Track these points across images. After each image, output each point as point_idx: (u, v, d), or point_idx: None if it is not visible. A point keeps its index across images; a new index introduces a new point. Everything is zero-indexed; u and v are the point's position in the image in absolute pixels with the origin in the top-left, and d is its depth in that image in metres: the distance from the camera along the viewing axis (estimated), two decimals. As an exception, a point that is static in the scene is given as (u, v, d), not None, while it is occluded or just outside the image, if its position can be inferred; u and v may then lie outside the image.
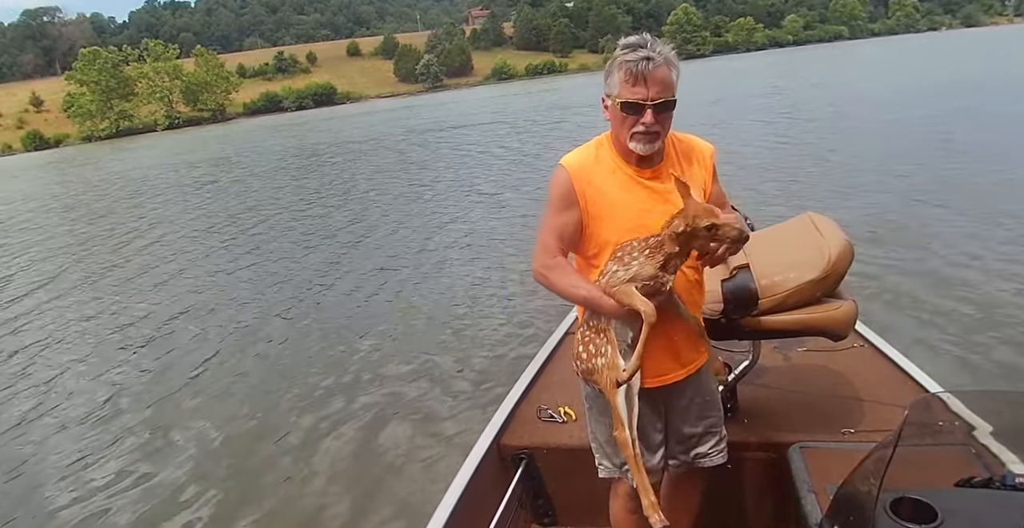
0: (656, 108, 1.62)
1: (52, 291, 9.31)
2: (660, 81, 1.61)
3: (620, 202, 1.71)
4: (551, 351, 3.03)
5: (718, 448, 1.96)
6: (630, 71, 1.60)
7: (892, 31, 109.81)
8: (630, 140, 1.66)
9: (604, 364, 1.69)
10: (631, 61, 1.60)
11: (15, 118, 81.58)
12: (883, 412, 2.27)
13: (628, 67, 1.60)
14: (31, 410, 5.45)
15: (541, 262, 1.78)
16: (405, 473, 3.88)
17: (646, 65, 1.59)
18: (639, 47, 1.61)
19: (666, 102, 1.63)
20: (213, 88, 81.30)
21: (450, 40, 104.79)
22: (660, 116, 1.63)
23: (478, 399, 4.59)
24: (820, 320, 1.99)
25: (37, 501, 4.12)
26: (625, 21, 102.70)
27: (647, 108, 1.61)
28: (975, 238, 6.71)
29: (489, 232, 9.56)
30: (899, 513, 1.12)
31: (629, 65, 1.60)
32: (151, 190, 20.61)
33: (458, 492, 2.12)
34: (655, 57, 1.60)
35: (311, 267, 8.86)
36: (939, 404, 1.47)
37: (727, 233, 1.52)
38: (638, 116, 1.63)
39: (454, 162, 17.77)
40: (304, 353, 5.92)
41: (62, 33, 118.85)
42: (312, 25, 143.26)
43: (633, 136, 1.65)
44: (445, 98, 62.38)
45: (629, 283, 1.60)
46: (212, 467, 4.26)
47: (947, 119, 15.04)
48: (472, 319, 6.19)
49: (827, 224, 2.18)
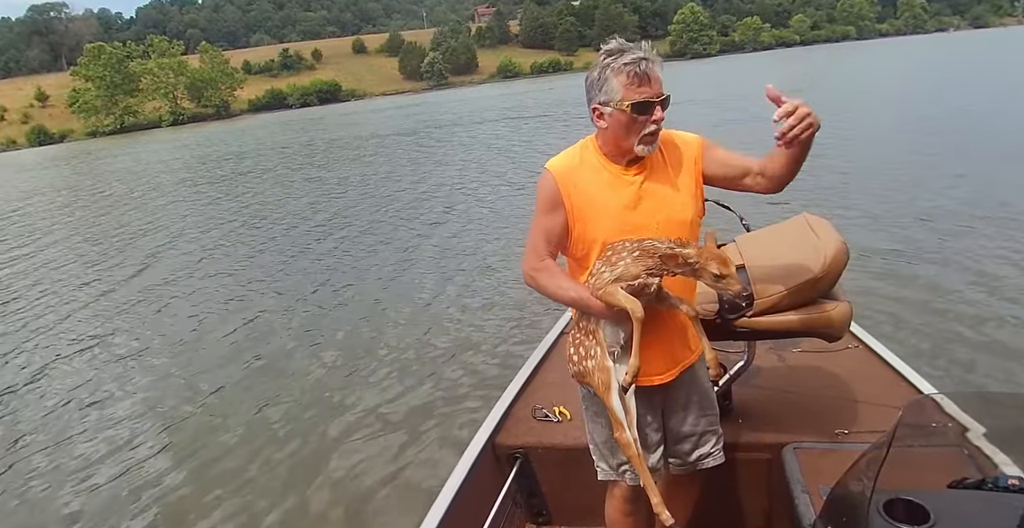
0: (661, 104, 1.66)
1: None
2: (658, 78, 1.65)
3: (605, 202, 1.72)
4: (546, 350, 3.03)
5: (718, 448, 1.96)
6: (633, 73, 1.62)
7: (900, 32, 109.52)
8: (639, 144, 1.67)
9: (594, 366, 1.69)
10: (630, 64, 1.62)
11: (20, 113, 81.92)
12: (877, 413, 2.27)
13: (629, 70, 1.62)
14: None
15: (530, 265, 1.81)
16: (400, 472, 3.88)
17: (646, 65, 1.62)
18: (626, 51, 1.64)
19: (667, 98, 1.67)
20: (218, 84, 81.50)
21: (456, 38, 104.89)
22: (663, 112, 1.67)
23: (473, 398, 4.59)
24: (815, 321, 1.98)
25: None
26: (632, 20, 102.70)
27: (656, 105, 1.65)
28: (972, 239, 6.70)
29: (496, 229, 9.57)
30: (892, 514, 1.12)
31: (630, 68, 1.62)
32: (180, 181, 20.69)
33: (453, 491, 2.12)
34: (649, 56, 1.63)
35: (312, 265, 8.89)
36: (933, 405, 1.47)
37: (730, 285, 1.57)
38: (649, 115, 1.65)
39: (457, 159, 17.80)
40: (297, 351, 5.92)
41: (68, 28, 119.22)
42: (319, 22, 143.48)
43: (643, 139, 1.67)
44: (452, 96, 62.37)
45: (614, 283, 1.60)
46: (211, 465, 4.26)
47: (947, 119, 15.02)
48: (470, 318, 6.19)
49: (822, 225, 2.17)
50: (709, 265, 1.55)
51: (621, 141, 1.69)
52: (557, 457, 2.39)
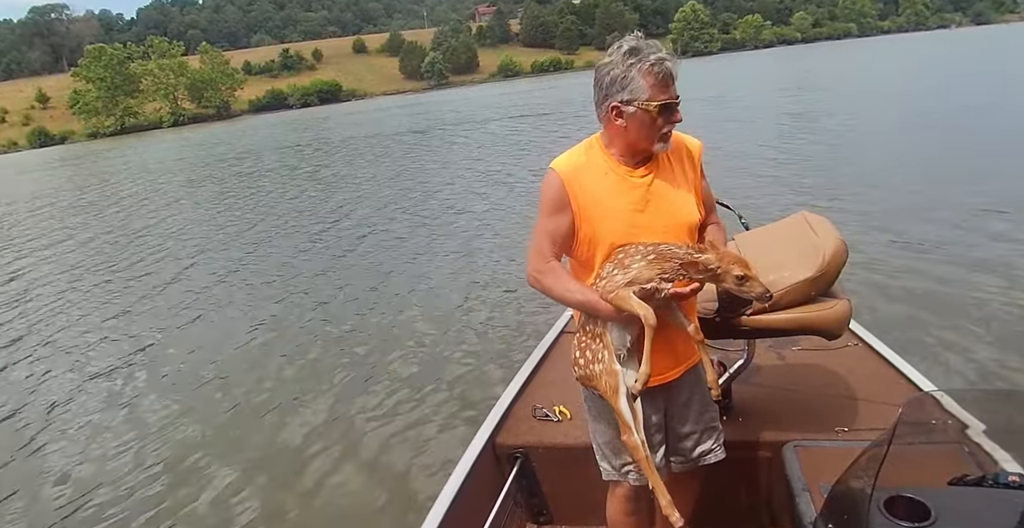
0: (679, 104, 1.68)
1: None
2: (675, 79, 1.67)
3: (612, 204, 1.70)
4: (546, 350, 3.03)
5: (719, 444, 1.96)
6: (661, 74, 1.62)
7: (902, 29, 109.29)
8: (657, 142, 1.68)
9: (602, 370, 1.68)
10: (656, 64, 1.61)
11: (21, 115, 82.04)
12: (877, 411, 2.26)
13: (658, 71, 1.62)
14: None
15: (535, 267, 1.79)
16: (400, 472, 3.88)
17: (671, 65, 1.63)
18: (649, 51, 1.63)
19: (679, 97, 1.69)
20: (218, 85, 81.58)
21: (456, 37, 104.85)
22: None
23: (473, 398, 4.59)
24: (814, 319, 1.98)
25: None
26: (632, 18, 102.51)
27: (677, 106, 1.66)
28: (970, 237, 6.69)
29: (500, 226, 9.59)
30: (893, 511, 1.12)
31: (657, 69, 1.62)
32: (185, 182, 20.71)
33: (454, 490, 2.12)
34: (669, 57, 1.64)
35: (313, 262, 8.90)
36: (932, 403, 1.47)
37: (753, 287, 1.58)
38: (671, 116, 1.66)
39: (461, 157, 17.79)
40: (296, 351, 5.92)
41: (69, 30, 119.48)
42: (319, 22, 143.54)
43: (661, 137, 1.68)
44: (454, 95, 62.34)
45: (627, 287, 1.60)
46: (208, 466, 4.26)
47: (947, 116, 15.00)
48: (470, 317, 6.19)
49: (822, 223, 2.17)
50: (732, 269, 1.56)
51: (639, 141, 1.68)
52: (557, 456, 2.39)
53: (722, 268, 1.56)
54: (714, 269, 1.56)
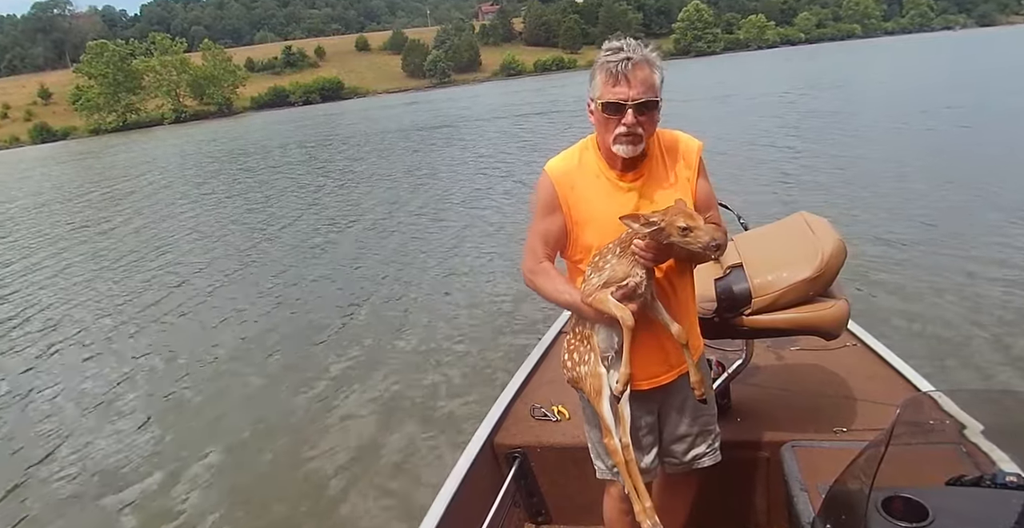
0: (637, 108, 1.60)
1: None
2: (642, 81, 1.60)
3: (603, 210, 1.69)
4: (545, 350, 3.03)
5: (714, 447, 1.95)
6: (611, 71, 1.60)
7: (906, 30, 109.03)
8: (614, 143, 1.64)
9: (587, 372, 1.69)
10: (612, 62, 1.59)
11: (24, 111, 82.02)
12: (875, 411, 2.26)
13: (609, 68, 1.60)
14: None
15: (528, 266, 1.81)
16: (399, 472, 3.89)
17: (626, 65, 1.59)
18: (620, 49, 1.61)
19: (647, 102, 1.61)
20: (220, 82, 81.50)
21: (459, 35, 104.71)
22: (642, 117, 1.61)
23: (471, 397, 4.59)
24: (813, 319, 1.99)
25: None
26: (635, 17, 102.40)
27: (628, 108, 1.60)
28: (971, 237, 6.70)
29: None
30: (891, 511, 1.12)
31: (610, 66, 1.60)
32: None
33: (452, 490, 2.12)
34: (635, 57, 1.59)
35: (315, 260, 8.91)
36: (930, 403, 1.47)
37: (698, 237, 1.51)
38: (620, 116, 1.61)
39: (464, 155, 17.78)
40: (293, 351, 5.92)
41: (72, 26, 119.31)
42: (323, 19, 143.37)
43: (616, 138, 1.63)
44: (456, 94, 62.29)
45: (604, 289, 1.60)
46: (206, 463, 4.27)
47: (948, 117, 14.97)
48: (469, 317, 6.20)
49: (820, 223, 2.17)
50: (675, 220, 1.51)
51: (603, 141, 1.68)
52: (556, 456, 2.39)
53: (665, 221, 1.52)
54: (657, 222, 1.52)
